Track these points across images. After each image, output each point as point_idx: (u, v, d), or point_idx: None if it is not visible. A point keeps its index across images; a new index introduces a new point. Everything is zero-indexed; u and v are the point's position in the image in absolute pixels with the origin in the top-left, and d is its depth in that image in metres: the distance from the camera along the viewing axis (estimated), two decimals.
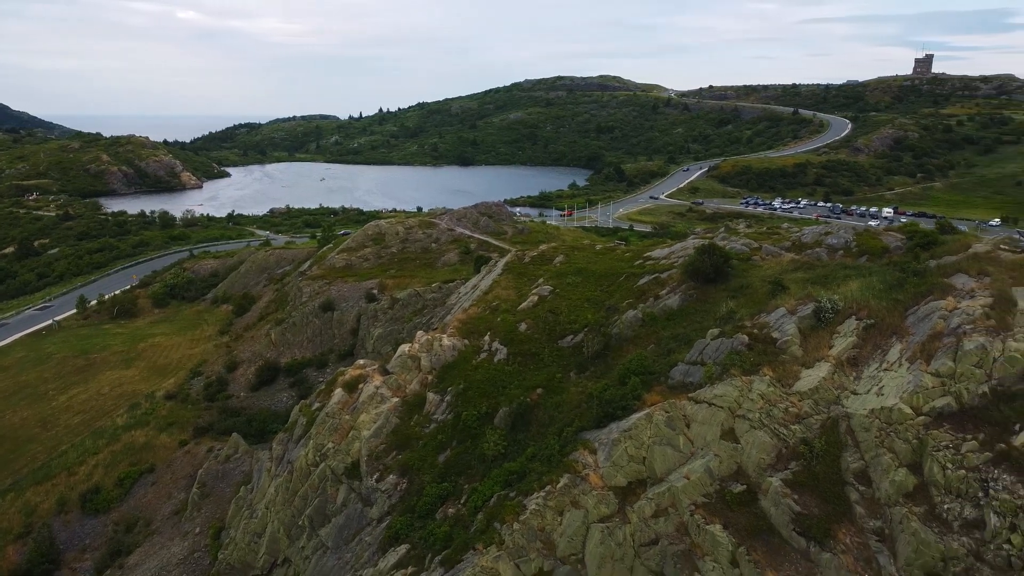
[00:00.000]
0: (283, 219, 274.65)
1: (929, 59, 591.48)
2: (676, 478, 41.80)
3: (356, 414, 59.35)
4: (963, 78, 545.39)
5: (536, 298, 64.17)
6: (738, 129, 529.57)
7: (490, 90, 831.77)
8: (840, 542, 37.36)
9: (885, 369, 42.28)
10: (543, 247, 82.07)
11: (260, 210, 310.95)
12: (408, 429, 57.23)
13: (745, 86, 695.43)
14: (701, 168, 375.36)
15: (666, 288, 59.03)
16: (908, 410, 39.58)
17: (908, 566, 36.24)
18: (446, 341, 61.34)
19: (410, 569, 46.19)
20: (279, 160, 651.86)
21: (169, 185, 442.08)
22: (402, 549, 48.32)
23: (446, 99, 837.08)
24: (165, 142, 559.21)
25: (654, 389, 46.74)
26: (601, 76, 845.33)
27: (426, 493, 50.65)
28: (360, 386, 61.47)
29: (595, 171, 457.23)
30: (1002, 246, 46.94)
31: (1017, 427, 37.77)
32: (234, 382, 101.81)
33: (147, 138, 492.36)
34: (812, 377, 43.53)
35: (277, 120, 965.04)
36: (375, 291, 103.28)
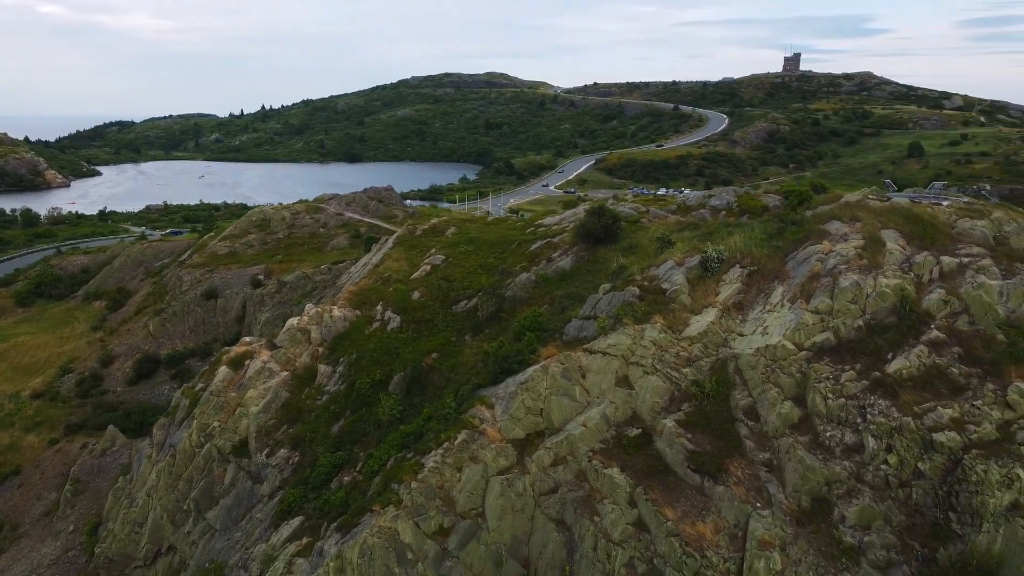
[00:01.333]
0: (160, 215, 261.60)
1: (797, 57, 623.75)
2: (573, 427, 41.90)
3: (243, 391, 56.72)
4: (828, 76, 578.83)
5: (429, 267, 63.29)
6: (623, 124, 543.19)
7: (377, 87, 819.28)
8: (732, 475, 38.37)
9: (768, 311, 43.79)
10: (435, 220, 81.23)
11: (135, 207, 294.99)
12: (299, 402, 55.15)
13: (628, 83, 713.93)
14: (588, 161, 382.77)
15: (558, 251, 59.39)
16: (791, 346, 41.12)
17: (796, 492, 37.60)
18: (337, 312, 59.55)
19: (305, 540, 44.43)
20: (155, 159, 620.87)
21: (33, 184, 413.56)
22: (296, 521, 46.46)
23: (332, 96, 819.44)
24: (27, 140, 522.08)
25: (549, 344, 46.75)
26: (488, 73, 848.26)
27: (320, 464, 48.91)
28: (247, 362, 58.80)
29: (485, 166, 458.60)
30: (870, 196, 49.60)
31: (890, 356, 39.86)
32: (110, 377, 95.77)
33: (5, 134, 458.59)
34: (701, 322, 44.59)
35: (153, 119, 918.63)
36: (261, 276, 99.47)
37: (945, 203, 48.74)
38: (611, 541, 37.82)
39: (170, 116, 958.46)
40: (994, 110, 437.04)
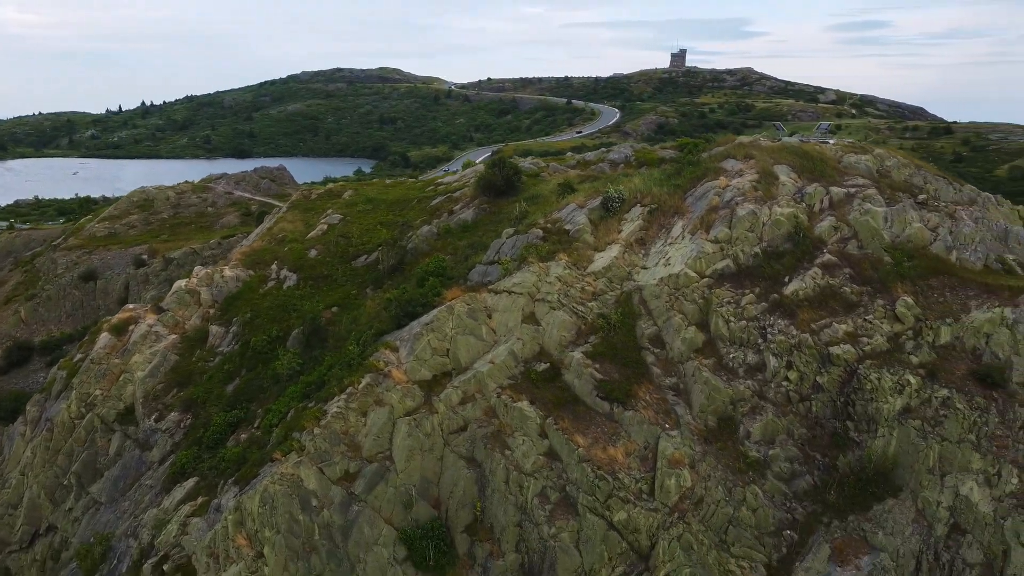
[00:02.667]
0: (32, 209, 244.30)
1: (683, 54, 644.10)
2: (481, 365, 41.09)
3: (127, 356, 53.13)
4: (712, 71, 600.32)
5: (326, 226, 61.14)
6: (517, 118, 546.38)
7: (265, 82, 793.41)
8: (641, 400, 38.52)
9: (670, 244, 44.29)
10: (330, 185, 78.92)
11: (1, 202, 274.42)
12: (190, 365, 52.10)
13: (521, 78, 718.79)
14: (485, 153, 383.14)
15: (459, 204, 58.55)
16: (693, 274, 41.67)
17: (702, 412, 38.08)
18: (228, 272, 56.65)
19: (200, 500, 41.92)
20: (24, 156, 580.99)
21: None
22: (189, 483, 43.78)
23: (218, 92, 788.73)
24: None
25: (453, 287, 45.75)
26: (381, 68, 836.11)
27: (214, 423, 46.31)
28: (131, 328, 55.13)
29: (381, 159, 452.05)
30: (761, 137, 51.11)
31: (787, 279, 40.96)
32: None
33: None
34: (605, 258, 44.65)
35: (21, 117, 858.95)
36: (144, 256, 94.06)
37: (831, 142, 50.84)
38: (523, 473, 37.26)
39: (40, 113, 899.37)
40: (864, 104, 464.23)
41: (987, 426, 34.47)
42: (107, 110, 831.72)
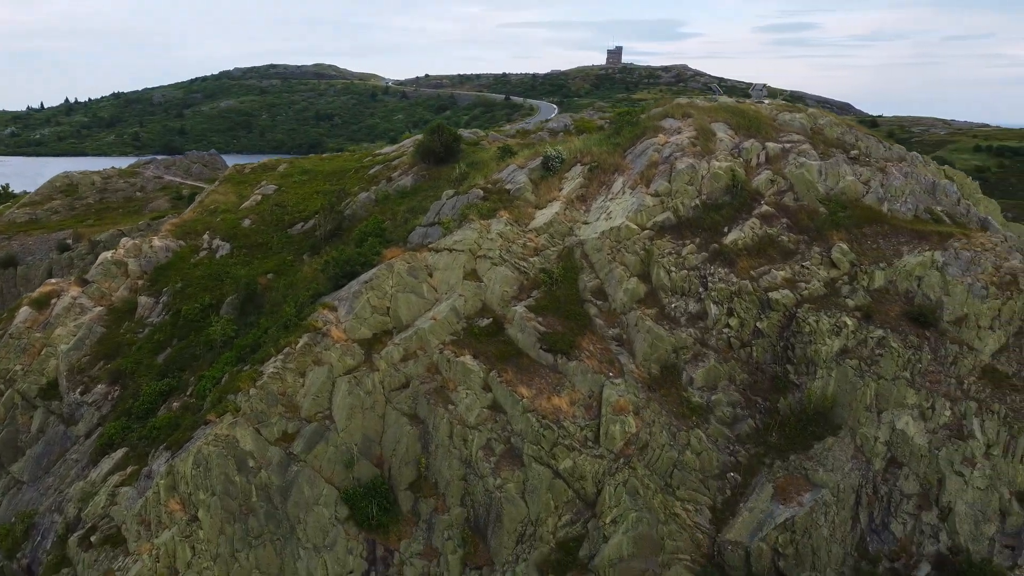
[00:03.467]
0: None
1: (619, 51, 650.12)
2: (423, 322, 40.33)
3: (50, 330, 50.63)
4: (647, 67, 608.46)
5: (260, 196, 59.40)
6: (456, 114, 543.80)
7: (197, 79, 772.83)
8: (584, 350, 38.31)
9: (611, 199, 44.23)
10: (264, 160, 76.93)
11: None
12: (117, 337, 49.93)
13: (460, 75, 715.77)
14: None
15: (398, 171, 57.57)
16: (634, 227, 41.66)
17: (646, 361, 38.07)
18: (158, 243, 54.52)
19: (129, 469, 40.10)
20: None
21: None
22: (118, 454, 41.89)
23: (146, 89, 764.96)
24: None
25: (393, 248, 44.82)
26: (317, 65, 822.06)
27: (145, 393, 44.44)
28: (53, 301, 52.58)
29: (318, 155, 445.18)
30: (698, 98, 51.58)
31: (726, 229, 41.29)
32: None
33: None
34: (546, 215, 44.34)
35: None
36: (69, 240, 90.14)
37: (766, 102, 51.70)
38: (467, 426, 36.67)
39: None
40: (793, 99, 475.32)
41: (920, 363, 35.29)
42: (28, 107, 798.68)
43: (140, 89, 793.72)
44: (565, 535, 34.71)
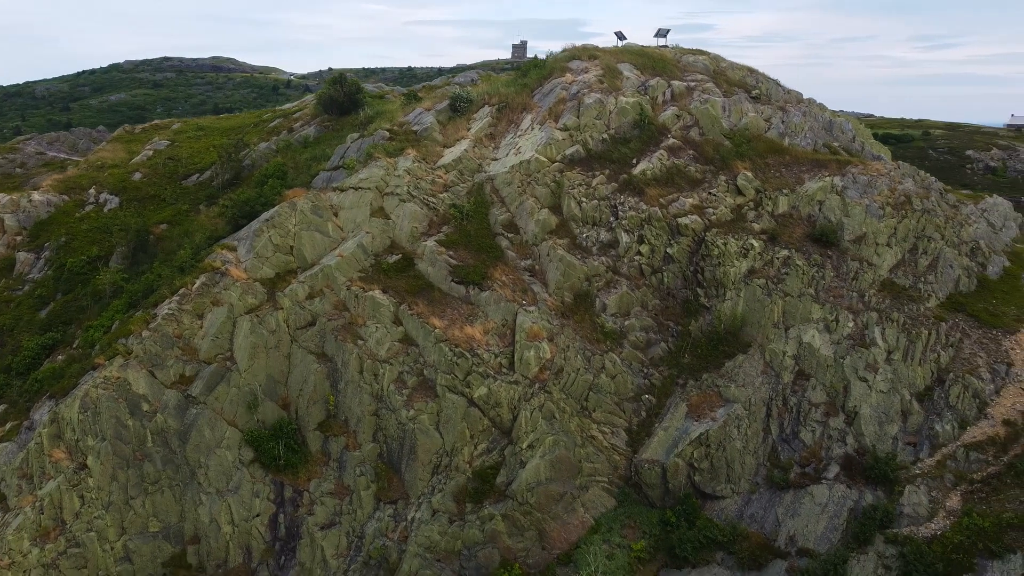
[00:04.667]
0: None
1: (524, 44, 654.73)
2: (329, 259, 38.75)
3: None
4: None
5: (152, 151, 55.96)
6: None
7: (84, 72, 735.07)
8: (497, 281, 37.58)
9: (520, 136, 43.66)
10: (157, 121, 72.84)
11: None
12: None
13: (365, 69, 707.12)
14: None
15: (300, 123, 55.36)
16: (544, 159, 41.19)
17: (559, 289, 37.66)
18: (38, 197, 50.68)
19: (9, 425, 36.91)
20: None
21: None
22: None
23: (28, 82, 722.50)
24: None
25: (296, 189, 42.93)
26: (214, 58, 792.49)
27: (25, 347, 41.14)
28: None
29: None
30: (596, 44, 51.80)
31: (635, 161, 41.33)
32: None
33: None
34: (454, 152, 43.39)
35: None
36: None
37: (670, 46, 52.28)
38: (378, 360, 35.40)
39: None
40: None
41: (824, 280, 36.15)
42: None
43: (21, 83, 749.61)
44: (482, 464, 33.96)
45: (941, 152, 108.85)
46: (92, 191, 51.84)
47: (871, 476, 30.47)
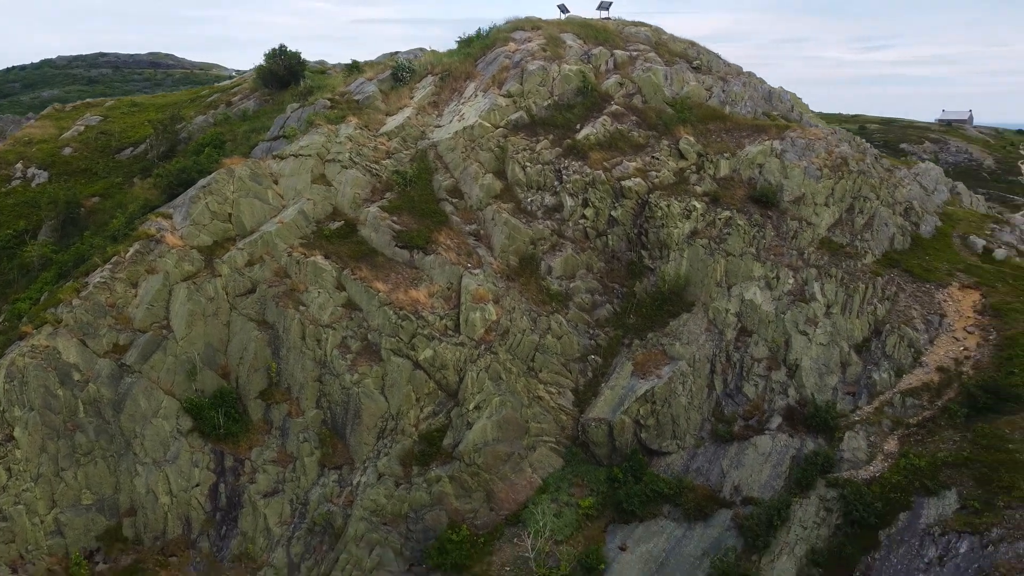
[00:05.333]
0: None
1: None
2: (269, 226, 37.89)
3: None
4: None
5: (83, 127, 53.96)
6: None
7: (12, 68, 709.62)
8: (442, 245, 37.20)
9: (463, 103, 43.31)
10: (89, 100, 70.43)
11: None
12: None
13: (311, 63, 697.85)
14: None
15: (239, 96, 54.12)
16: (487, 125, 40.93)
17: (504, 253, 37.47)
18: None
19: None
20: None
21: None
22: None
23: None
24: None
25: (234, 157, 41.88)
26: (152, 54, 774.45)
27: None
28: None
29: None
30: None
31: (579, 127, 41.37)
32: None
33: None
34: (397, 119, 42.85)
35: None
36: None
37: (612, 18, 52.55)
38: (320, 326, 34.71)
39: None
40: None
41: (765, 239, 36.68)
42: None
43: None
44: (428, 427, 33.57)
45: (877, 145, 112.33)
46: (19, 166, 49.84)
47: (812, 425, 30.99)
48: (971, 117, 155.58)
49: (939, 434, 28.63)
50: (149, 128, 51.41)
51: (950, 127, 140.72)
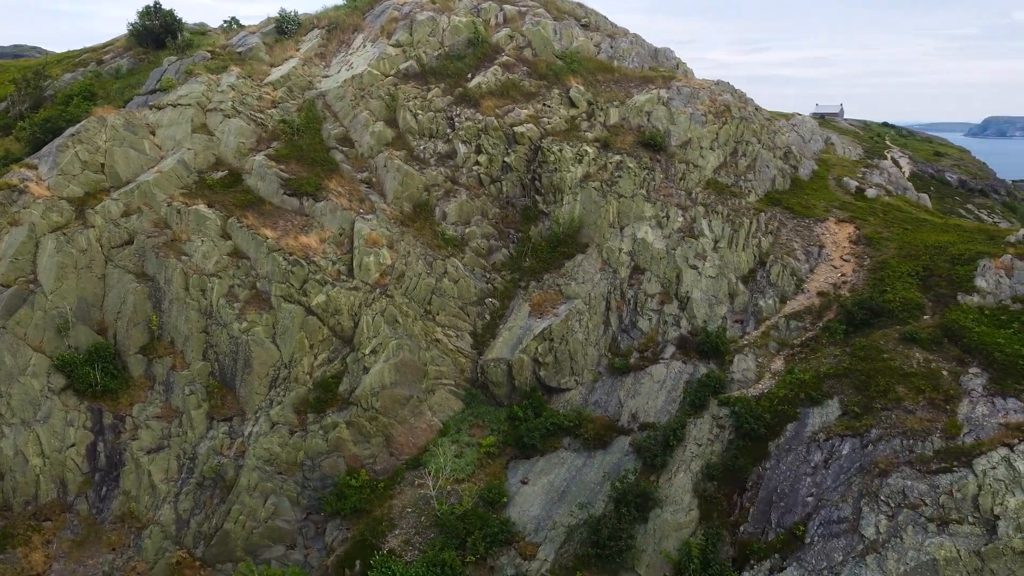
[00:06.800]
0: None
1: None
2: (147, 176, 35.91)
3: None
4: None
5: None
6: None
7: None
8: (332, 192, 36.19)
9: (352, 53, 42.37)
10: None
11: None
12: None
13: None
14: None
15: (111, 54, 51.12)
16: (377, 73, 40.13)
17: (397, 199, 36.82)
18: None
19: None
20: None
21: None
22: None
23: None
24: None
25: (106, 107, 39.49)
26: (16, 46, 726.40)
27: None
28: None
29: None
30: None
31: (470, 76, 41.10)
32: None
33: None
34: (283, 70, 41.46)
35: None
36: None
37: None
38: (205, 275, 33.09)
39: None
40: None
41: (654, 181, 37.46)
42: None
43: None
44: (323, 374, 32.55)
45: None
46: None
47: (704, 351, 31.85)
48: (842, 110, 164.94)
49: (821, 351, 29.94)
50: (11, 87, 47.80)
51: (823, 120, 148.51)
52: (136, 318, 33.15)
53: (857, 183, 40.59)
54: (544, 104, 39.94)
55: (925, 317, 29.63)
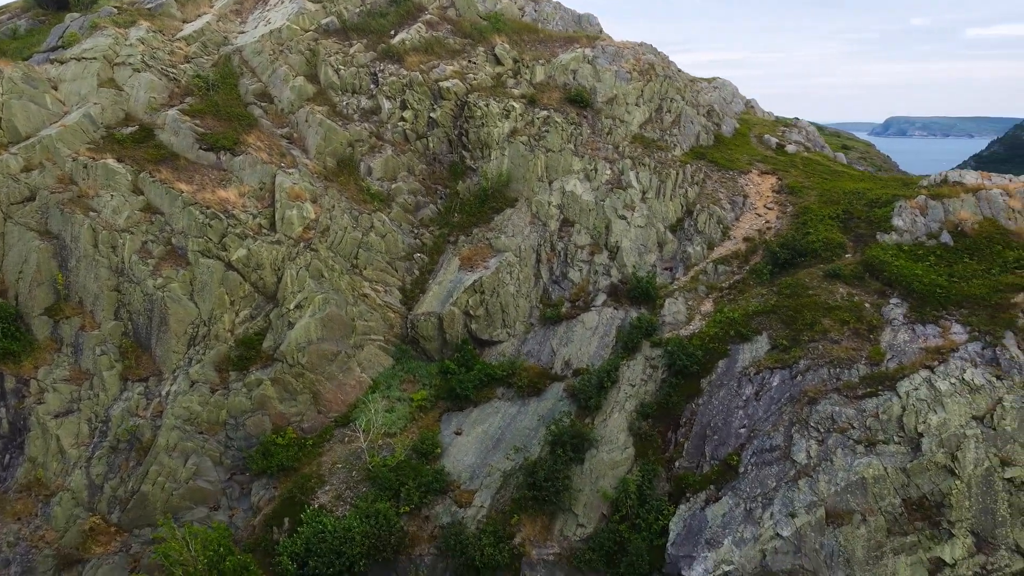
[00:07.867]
0: None
1: None
2: (50, 130, 33.82)
3: None
4: None
5: None
6: None
7: None
8: (252, 146, 34.81)
9: (269, 10, 40.96)
10: None
11: None
12: None
13: None
14: None
15: (6, 15, 48.06)
16: (296, 28, 38.91)
17: (320, 154, 35.74)
18: None
19: None
20: None
21: None
22: None
23: None
24: None
25: (2, 60, 37.02)
26: None
27: None
28: None
29: None
30: None
31: (393, 33, 40.28)
32: None
33: None
34: (195, 25, 39.77)
35: None
36: None
37: None
38: (116, 231, 31.34)
39: None
40: None
41: (582, 136, 37.39)
42: None
43: None
44: (245, 331, 31.26)
45: None
46: None
47: (635, 297, 31.89)
48: (758, 105, 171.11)
49: (749, 291, 30.36)
50: None
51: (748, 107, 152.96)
52: (40, 278, 31.13)
53: (778, 140, 41.52)
54: (470, 61, 39.42)
55: (847, 256, 30.37)
